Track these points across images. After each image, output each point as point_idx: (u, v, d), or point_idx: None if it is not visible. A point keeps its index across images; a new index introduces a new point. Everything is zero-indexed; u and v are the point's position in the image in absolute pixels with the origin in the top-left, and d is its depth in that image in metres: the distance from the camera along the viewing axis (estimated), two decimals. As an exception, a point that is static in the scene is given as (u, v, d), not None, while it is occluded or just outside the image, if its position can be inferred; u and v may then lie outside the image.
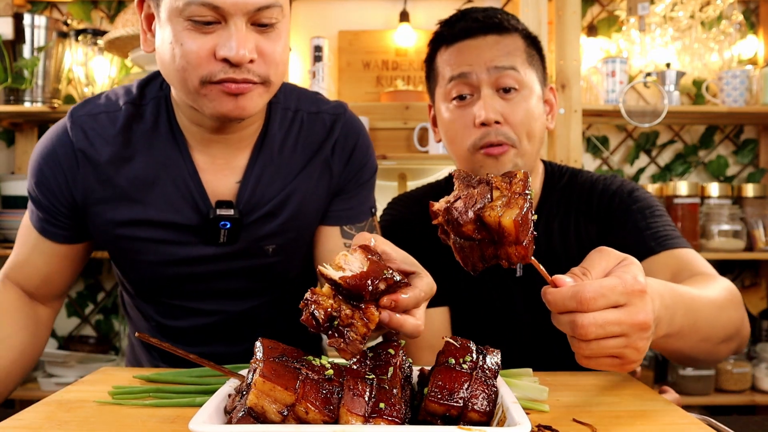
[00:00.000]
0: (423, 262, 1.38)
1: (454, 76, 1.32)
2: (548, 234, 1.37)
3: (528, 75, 1.32)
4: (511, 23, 1.34)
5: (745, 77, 2.72)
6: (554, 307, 0.79)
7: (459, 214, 0.73)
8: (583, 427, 0.81)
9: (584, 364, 0.81)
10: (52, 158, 1.18)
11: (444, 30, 1.39)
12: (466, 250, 0.75)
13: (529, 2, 2.53)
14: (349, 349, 0.72)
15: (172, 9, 1.03)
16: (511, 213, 0.71)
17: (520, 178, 0.76)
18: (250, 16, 1.03)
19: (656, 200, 1.38)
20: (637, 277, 0.80)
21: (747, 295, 3.01)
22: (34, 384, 2.77)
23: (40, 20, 2.71)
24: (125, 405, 0.88)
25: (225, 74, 1.03)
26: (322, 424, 0.67)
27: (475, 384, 0.74)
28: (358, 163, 1.30)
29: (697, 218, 2.68)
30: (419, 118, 2.71)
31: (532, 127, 1.31)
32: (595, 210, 1.37)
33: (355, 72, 3.04)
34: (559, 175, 1.44)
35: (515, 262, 0.75)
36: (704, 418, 0.89)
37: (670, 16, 2.86)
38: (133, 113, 1.19)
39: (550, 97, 1.43)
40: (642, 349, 0.81)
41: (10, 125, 3.00)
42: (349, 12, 3.06)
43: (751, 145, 3.03)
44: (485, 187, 0.75)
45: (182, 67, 1.04)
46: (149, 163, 1.17)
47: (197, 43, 1.02)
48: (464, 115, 1.31)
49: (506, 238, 0.72)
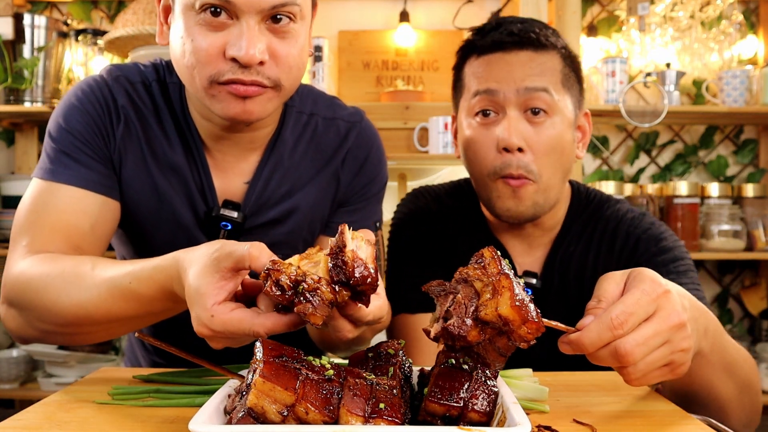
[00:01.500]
0: (437, 259, 1.36)
1: (479, 91, 1.22)
2: (565, 265, 1.30)
3: (561, 99, 1.22)
4: (549, 39, 1.24)
5: (745, 77, 2.72)
6: (591, 347, 0.76)
7: (458, 328, 0.69)
8: (583, 427, 0.81)
9: (635, 385, 0.80)
10: (96, 105, 1.11)
11: (475, 39, 1.28)
12: (481, 354, 0.72)
13: (529, 2, 2.53)
14: (318, 313, 0.70)
15: (186, 2, 0.99)
16: (504, 300, 0.69)
17: (490, 256, 0.73)
18: (264, 15, 0.98)
19: (684, 250, 1.28)
20: (655, 281, 0.79)
21: (747, 295, 3.01)
22: (34, 384, 2.77)
23: (40, 20, 2.71)
24: (125, 405, 0.88)
25: (233, 74, 0.98)
26: (322, 424, 0.67)
27: (476, 384, 0.74)
28: (367, 176, 1.25)
29: (697, 218, 2.68)
30: (419, 118, 2.71)
31: (558, 158, 1.22)
32: (617, 253, 1.29)
33: (355, 72, 3.04)
34: (586, 201, 1.35)
35: (532, 339, 0.71)
36: (704, 418, 0.89)
37: (670, 16, 2.86)
38: (160, 92, 1.15)
39: (583, 123, 1.32)
40: (687, 349, 0.79)
41: (10, 125, 3.00)
42: (349, 12, 3.06)
43: (751, 145, 3.03)
44: (466, 288, 0.72)
45: (191, 64, 1.00)
46: (169, 147, 1.14)
47: (208, 40, 0.98)
48: (486, 134, 1.22)
49: (512, 324, 0.70)
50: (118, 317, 0.93)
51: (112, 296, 0.91)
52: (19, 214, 1.08)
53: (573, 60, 1.28)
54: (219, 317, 0.75)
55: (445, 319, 0.71)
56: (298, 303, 0.71)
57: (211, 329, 0.76)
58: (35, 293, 0.97)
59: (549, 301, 1.28)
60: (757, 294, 3.00)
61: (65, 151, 1.09)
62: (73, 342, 1.03)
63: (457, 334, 0.69)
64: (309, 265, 0.74)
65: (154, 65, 1.19)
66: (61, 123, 1.10)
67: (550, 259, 1.31)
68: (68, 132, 1.10)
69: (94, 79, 1.15)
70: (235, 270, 0.77)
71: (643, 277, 0.79)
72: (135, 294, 0.89)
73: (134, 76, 1.15)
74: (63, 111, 1.12)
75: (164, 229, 1.17)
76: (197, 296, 0.77)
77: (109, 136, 1.12)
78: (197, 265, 0.78)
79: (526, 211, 1.22)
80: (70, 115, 1.11)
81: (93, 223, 1.08)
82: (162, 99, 1.15)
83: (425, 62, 3.02)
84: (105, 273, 0.93)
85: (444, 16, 3.06)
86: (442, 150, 2.61)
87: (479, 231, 1.35)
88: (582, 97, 1.31)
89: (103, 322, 0.95)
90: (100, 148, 1.11)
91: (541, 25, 1.26)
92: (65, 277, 0.95)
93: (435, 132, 2.62)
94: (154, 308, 0.91)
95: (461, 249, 1.34)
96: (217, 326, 0.76)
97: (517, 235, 1.32)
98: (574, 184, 1.38)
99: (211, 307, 0.76)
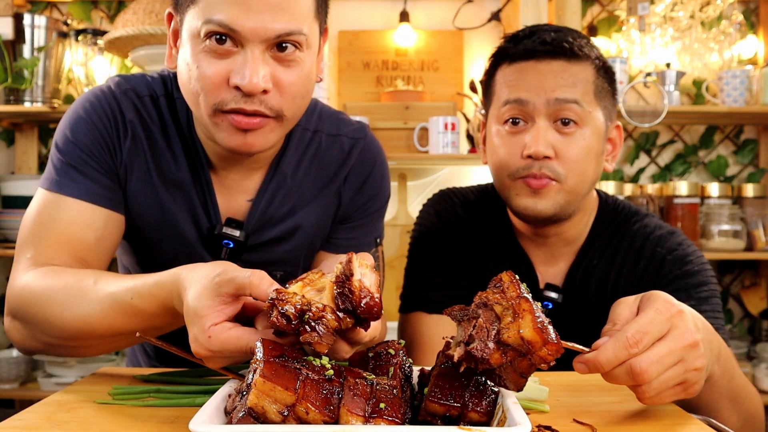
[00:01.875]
0: (460, 262, 1.34)
1: (509, 100, 1.21)
2: (587, 278, 1.29)
3: (592, 111, 1.20)
4: (583, 50, 1.21)
5: (745, 77, 2.72)
6: (608, 365, 0.77)
7: (481, 352, 0.70)
8: (583, 427, 0.81)
9: (648, 403, 0.80)
10: (103, 118, 1.10)
11: (508, 46, 1.26)
12: (502, 375, 0.72)
13: (529, 2, 2.53)
14: (324, 341, 0.71)
15: (192, 29, 0.99)
16: (526, 323, 0.70)
17: (508, 281, 0.74)
18: (269, 43, 0.97)
19: (710, 274, 1.24)
20: (668, 301, 0.80)
21: (747, 295, 3.01)
22: (34, 384, 2.77)
23: (40, 20, 2.71)
24: (125, 405, 0.88)
25: (236, 104, 0.97)
26: (323, 424, 0.67)
27: (476, 384, 0.74)
28: (368, 193, 1.25)
29: (697, 218, 2.68)
30: (419, 118, 2.71)
31: (586, 168, 1.20)
32: (640, 271, 1.27)
33: (355, 72, 3.04)
34: (613, 214, 1.32)
35: (552, 360, 0.72)
36: (704, 418, 0.89)
37: (670, 16, 2.86)
38: (168, 107, 1.15)
39: (614, 136, 1.29)
40: (700, 368, 0.80)
41: (10, 125, 3.00)
42: (349, 12, 3.06)
43: (751, 145, 3.03)
44: (487, 312, 0.73)
45: (196, 91, 1.00)
46: (175, 163, 1.14)
47: (212, 67, 0.97)
48: (514, 142, 1.21)
49: (534, 346, 0.70)
50: (120, 331, 0.93)
51: (114, 311, 0.92)
52: (24, 225, 1.09)
53: (607, 71, 1.25)
54: (217, 337, 0.76)
55: (467, 343, 0.72)
56: (303, 332, 0.71)
57: (208, 350, 0.77)
58: (38, 307, 0.98)
59: (569, 315, 1.28)
60: (757, 294, 3.00)
61: (72, 164, 1.09)
62: (77, 354, 1.03)
63: (480, 357, 0.70)
64: (312, 292, 0.75)
65: (162, 78, 1.18)
66: (68, 135, 1.10)
67: (572, 272, 1.30)
68: (75, 144, 1.09)
69: (102, 90, 1.14)
70: (235, 296, 0.78)
71: (656, 297, 0.81)
72: (136, 309, 0.90)
73: (142, 89, 1.15)
74: (70, 122, 1.11)
75: (167, 243, 1.17)
76: (196, 318, 0.78)
77: (116, 149, 1.12)
78: (197, 287, 0.79)
79: (546, 210, 1.20)
80: (78, 127, 1.10)
81: (98, 236, 1.09)
82: (169, 114, 1.15)
83: (425, 62, 3.02)
84: (107, 288, 0.93)
85: (444, 16, 3.06)
86: (442, 150, 2.61)
87: (504, 237, 1.34)
88: (615, 109, 1.28)
89: (105, 336, 0.95)
90: (106, 161, 1.11)
91: (576, 35, 1.24)
92: (68, 292, 0.95)
93: (435, 132, 2.62)
94: (154, 323, 0.91)
95: (485, 254, 1.35)
96: (215, 346, 0.76)
97: (540, 244, 1.31)
98: (602, 195, 1.35)
99: (208, 328, 0.76)
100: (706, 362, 0.82)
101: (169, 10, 1.07)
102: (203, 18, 0.96)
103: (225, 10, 0.95)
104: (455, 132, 2.61)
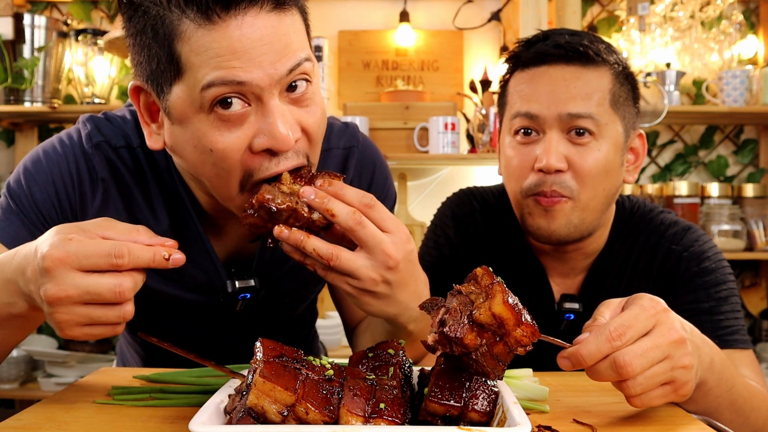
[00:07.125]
0: (468, 270, 1.36)
1: (520, 113, 1.15)
2: (605, 285, 1.25)
3: (609, 122, 1.13)
4: (600, 54, 1.15)
5: (745, 77, 2.72)
6: (590, 359, 0.76)
7: (455, 331, 0.70)
8: (583, 427, 0.81)
9: (638, 405, 0.79)
10: (66, 177, 1.00)
11: (520, 50, 1.19)
12: (480, 362, 0.72)
13: (529, 2, 2.53)
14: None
15: (192, 103, 0.83)
16: (497, 300, 0.70)
17: (482, 273, 0.75)
18: (283, 84, 0.83)
19: (727, 271, 1.20)
20: (654, 299, 0.79)
21: (747, 295, 3.01)
22: (34, 384, 2.77)
23: (40, 20, 2.71)
24: (125, 405, 0.88)
25: (267, 171, 0.85)
26: (322, 424, 0.67)
27: (476, 384, 0.74)
28: None
29: (697, 218, 2.68)
30: (419, 118, 2.71)
31: (601, 182, 1.13)
32: (656, 270, 1.22)
33: (355, 72, 3.04)
34: (629, 217, 1.27)
35: (528, 343, 0.71)
36: (704, 418, 0.89)
37: (670, 16, 2.86)
38: (146, 158, 1.03)
39: (637, 145, 1.22)
40: (688, 366, 0.79)
41: (10, 125, 3.00)
42: (349, 12, 3.06)
43: (751, 145, 3.03)
44: (460, 297, 0.74)
45: (217, 175, 0.87)
46: (153, 218, 1.03)
47: (227, 140, 0.83)
48: (526, 153, 1.15)
49: (507, 323, 0.70)
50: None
51: None
52: None
53: (628, 77, 1.18)
54: (79, 240, 0.72)
55: (441, 324, 0.72)
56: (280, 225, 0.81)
57: (66, 252, 0.72)
58: None
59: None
60: (757, 294, 3.00)
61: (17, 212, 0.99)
62: None
63: (454, 336, 0.70)
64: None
65: (137, 121, 1.04)
66: (23, 182, 1.00)
67: (589, 280, 1.26)
68: (27, 196, 1.00)
69: (72, 144, 1.02)
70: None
71: (641, 296, 0.80)
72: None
73: (117, 140, 1.03)
74: (29, 172, 1.01)
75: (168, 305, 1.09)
76: (49, 235, 0.74)
77: (78, 209, 1.01)
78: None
79: (559, 230, 1.15)
80: (35, 178, 1.00)
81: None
82: (148, 165, 1.03)
83: (425, 62, 3.02)
84: None
85: (444, 16, 3.06)
86: (442, 150, 2.61)
87: (519, 246, 1.29)
88: (637, 117, 1.21)
89: None
90: (54, 220, 1.00)
91: (593, 38, 1.17)
92: None
93: (435, 132, 2.62)
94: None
95: (498, 264, 1.32)
96: (74, 247, 0.72)
97: (558, 258, 1.26)
98: (619, 198, 1.29)
99: (68, 232, 0.73)
100: (695, 361, 0.80)
101: (134, 83, 0.91)
102: (202, 83, 0.81)
103: (222, 66, 0.80)
104: (455, 132, 2.61)
